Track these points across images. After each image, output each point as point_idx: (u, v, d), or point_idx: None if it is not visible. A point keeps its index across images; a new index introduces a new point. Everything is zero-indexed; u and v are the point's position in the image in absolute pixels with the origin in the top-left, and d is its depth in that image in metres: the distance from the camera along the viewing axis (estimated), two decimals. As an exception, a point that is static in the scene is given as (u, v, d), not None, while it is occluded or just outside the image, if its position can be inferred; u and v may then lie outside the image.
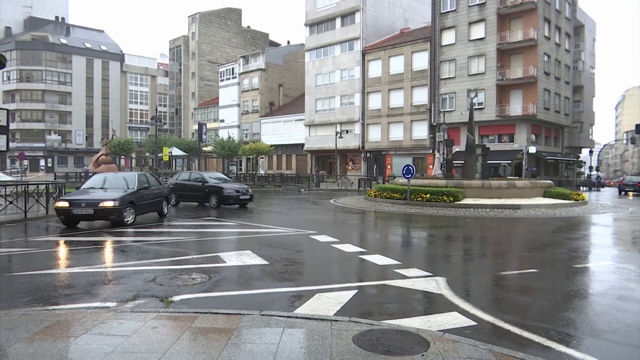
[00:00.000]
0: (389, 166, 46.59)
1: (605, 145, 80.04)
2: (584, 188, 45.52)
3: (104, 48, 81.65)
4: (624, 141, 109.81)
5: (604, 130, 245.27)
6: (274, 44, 79.12)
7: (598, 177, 56.30)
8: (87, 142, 78.18)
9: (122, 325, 4.72)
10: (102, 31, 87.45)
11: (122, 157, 61.48)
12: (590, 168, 52.42)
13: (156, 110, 52.05)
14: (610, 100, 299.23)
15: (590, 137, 56.53)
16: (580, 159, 55.04)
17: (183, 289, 6.44)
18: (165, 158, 42.15)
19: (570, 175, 49.12)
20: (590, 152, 53.03)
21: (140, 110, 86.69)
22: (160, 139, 55.57)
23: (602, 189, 51.42)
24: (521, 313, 5.73)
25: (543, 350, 4.47)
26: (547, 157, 42.29)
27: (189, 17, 77.15)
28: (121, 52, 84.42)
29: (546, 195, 22.69)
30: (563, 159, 46.64)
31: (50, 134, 74.43)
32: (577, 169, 54.56)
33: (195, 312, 5.20)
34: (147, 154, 67.05)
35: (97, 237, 11.43)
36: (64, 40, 77.55)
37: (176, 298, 5.98)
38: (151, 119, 56.37)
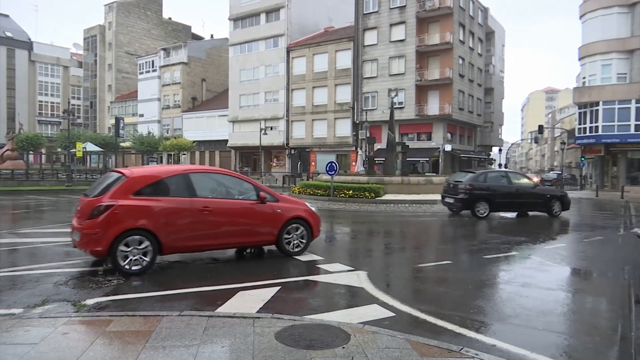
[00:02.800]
0: (313, 163, 47.02)
1: (512, 144, 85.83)
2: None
3: (9, 34, 75.06)
4: (529, 140, 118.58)
5: (512, 130, 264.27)
6: (197, 37, 76.98)
7: None
8: (-10, 136, 71.80)
9: (29, 332, 4.41)
10: (7, 16, 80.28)
11: (31, 152, 56.95)
12: (500, 165, 55.99)
13: (69, 103, 48.74)
14: (517, 102, 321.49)
15: (500, 136, 60.41)
16: (490, 157, 58.65)
17: (97, 292, 6.13)
18: (79, 154, 39.60)
19: (482, 172, 52.04)
20: (500, 150, 56.64)
21: (51, 102, 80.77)
22: (73, 134, 52.06)
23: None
24: (436, 303, 6.03)
25: (455, 337, 4.74)
26: (461, 155, 44.72)
27: (105, 5, 73.31)
28: (29, 39, 78.13)
29: (461, 191, 23.92)
30: (475, 156, 49.54)
31: (-56, 127, 67.68)
32: (487, 166, 58.10)
33: (110, 316, 4.96)
34: (59, 150, 62.68)
35: None
36: (-40, 24, 70.61)
37: (89, 301, 5.67)
38: (63, 112, 52.60)
